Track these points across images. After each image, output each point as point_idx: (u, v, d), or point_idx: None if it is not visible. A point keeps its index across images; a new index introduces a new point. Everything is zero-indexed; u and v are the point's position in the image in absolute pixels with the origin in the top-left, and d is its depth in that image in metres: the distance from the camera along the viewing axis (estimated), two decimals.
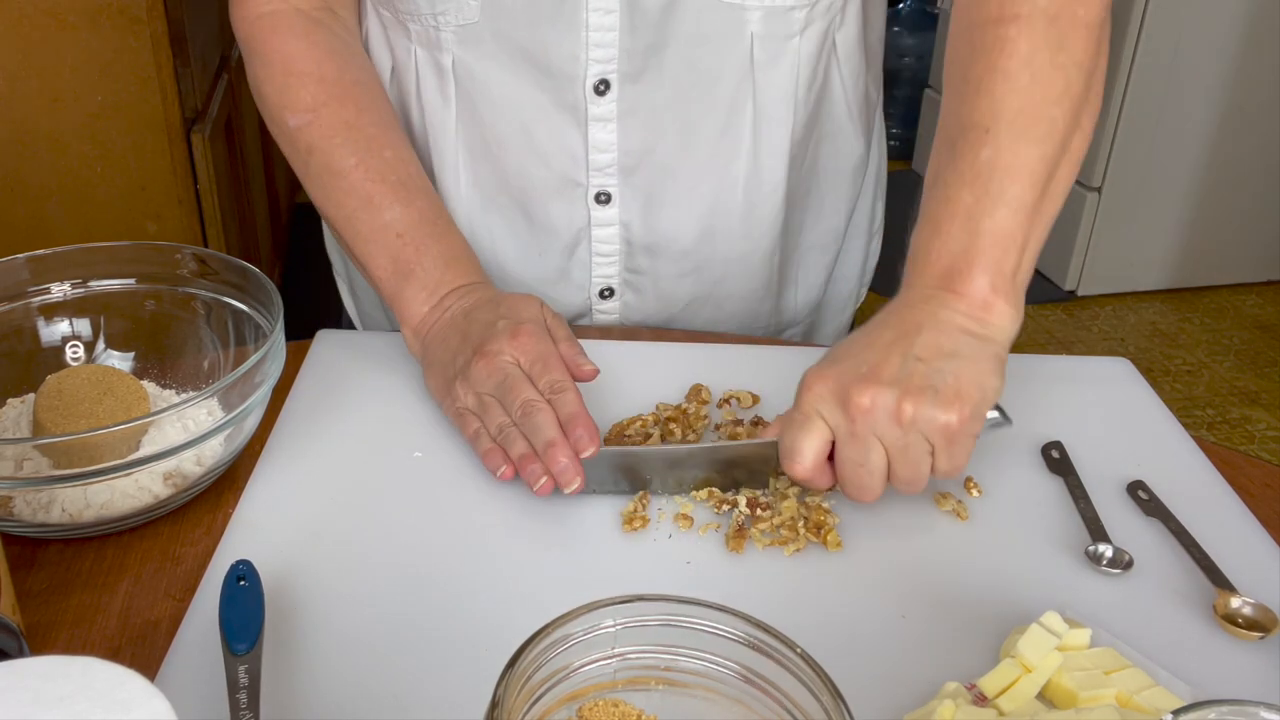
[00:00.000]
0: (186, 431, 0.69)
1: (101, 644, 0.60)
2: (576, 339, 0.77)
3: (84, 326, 0.80)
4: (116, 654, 0.60)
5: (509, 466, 0.70)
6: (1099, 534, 0.68)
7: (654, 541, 0.68)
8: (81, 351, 0.79)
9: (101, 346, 0.80)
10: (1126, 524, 0.70)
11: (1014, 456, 0.76)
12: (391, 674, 0.58)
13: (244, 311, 0.78)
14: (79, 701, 0.39)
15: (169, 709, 0.39)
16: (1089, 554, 0.67)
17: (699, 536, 0.68)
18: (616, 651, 0.49)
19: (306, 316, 1.09)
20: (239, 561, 0.61)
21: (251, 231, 2.17)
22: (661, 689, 0.51)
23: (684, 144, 0.88)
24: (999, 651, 0.60)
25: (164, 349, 0.80)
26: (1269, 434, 2.43)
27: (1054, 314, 2.88)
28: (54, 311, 0.79)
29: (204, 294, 0.79)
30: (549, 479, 0.68)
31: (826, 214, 0.98)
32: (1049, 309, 2.90)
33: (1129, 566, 0.66)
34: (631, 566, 0.66)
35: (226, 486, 0.72)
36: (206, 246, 1.52)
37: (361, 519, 0.69)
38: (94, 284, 0.79)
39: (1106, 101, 2.69)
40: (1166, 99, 2.71)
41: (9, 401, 0.76)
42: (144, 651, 0.60)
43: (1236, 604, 0.63)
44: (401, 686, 0.57)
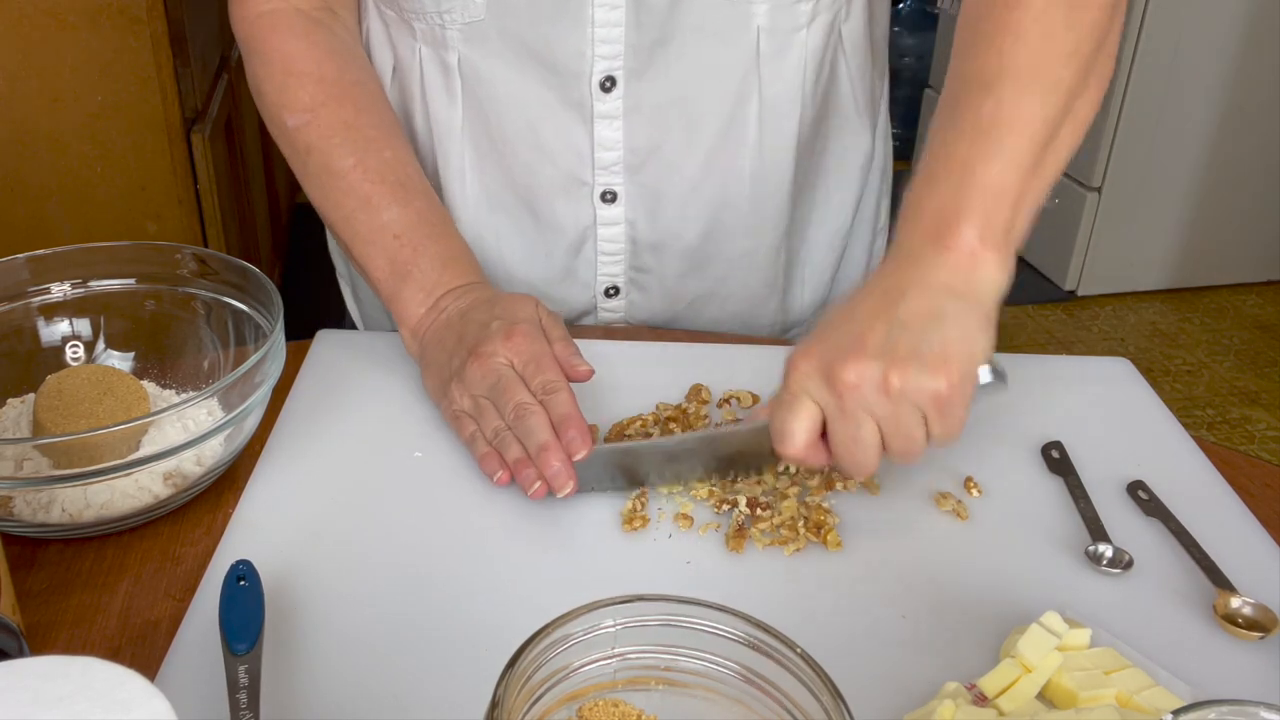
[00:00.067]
0: (186, 431, 0.69)
1: (101, 644, 0.60)
2: (572, 339, 0.76)
3: (84, 326, 0.80)
4: (116, 654, 0.60)
5: (505, 471, 0.70)
6: (1099, 534, 0.68)
7: (654, 541, 0.68)
8: (81, 351, 0.79)
9: (101, 346, 0.80)
10: (1126, 524, 0.70)
11: (1014, 456, 0.76)
12: (391, 674, 0.58)
13: (244, 311, 0.78)
14: (79, 701, 0.39)
15: (169, 709, 0.39)
16: (1089, 554, 0.67)
17: (699, 536, 0.68)
18: (616, 651, 0.49)
19: (306, 316, 1.09)
20: (239, 561, 0.61)
21: (251, 231, 2.17)
22: (661, 689, 0.51)
23: (690, 140, 0.87)
24: (999, 651, 0.60)
25: (164, 349, 0.80)
26: (1269, 434, 2.43)
27: (1054, 314, 2.88)
28: (54, 311, 0.79)
29: (204, 294, 0.79)
30: (543, 484, 0.68)
31: (833, 210, 0.97)
32: (1049, 309, 2.90)
33: (1129, 566, 0.66)
34: (631, 566, 0.66)
35: (226, 486, 0.72)
36: (206, 246, 1.52)
37: (361, 519, 0.69)
38: (94, 284, 0.79)
39: (1106, 101, 2.67)
40: (1166, 99, 2.71)
41: (9, 401, 0.76)
42: (144, 651, 0.60)
43: (1236, 604, 0.63)
44: (401, 686, 0.57)
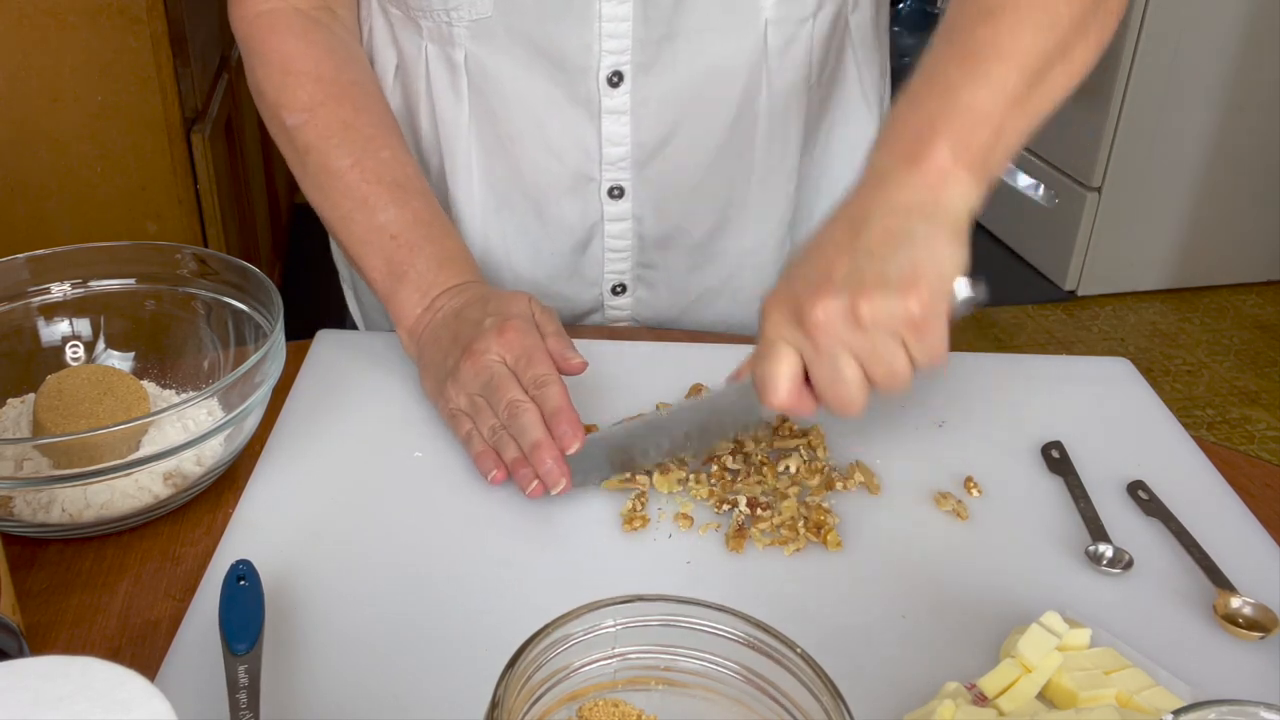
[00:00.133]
0: (186, 431, 0.69)
1: (101, 644, 0.60)
2: (565, 333, 0.76)
3: (84, 326, 0.79)
4: (116, 654, 0.60)
5: (500, 470, 0.70)
6: (1099, 534, 0.68)
7: (654, 541, 0.68)
8: (81, 351, 0.79)
9: (101, 346, 0.80)
10: (1126, 524, 0.70)
11: (1014, 456, 0.76)
12: (391, 674, 0.58)
13: (244, 311, 0.78)
14: (79, 701, 0.39)
15: (169, 709, 0.39)
16: (1089, 554, 0.67)
17: (699, 536, 0.68)
18: (616, 651, 0.49)
19: (306, 316, 1.09)
20: (239, 561, 0.61)
21: (251, 231, 2.17)
22: (661, 689, 0.51)
23: (697, 134, 0.87)
24: (999, 651, 0.60)
25: (164, 349, 0.80)
26: (1269, 434, 2.43)
27: (1054, 314, 2.88)
28: (54, 311, 0.79)
29: (204, 294, 0.79)
30: (540, 482, 0.68)
31: (839, 200, 0.97)
32: (1049, 309, 2.90)
33: (1129, 566, 0.66)
34: (631, 566, 0.66)
35: (226, 486, 0.72)
36: (206, 246, 1.52)
37: (361, 519, 0.69)
38: (94, 284, 0.79)
39: (1107, 102, 2.69)
40: (1166, 99, 2.71)
41: (9, 401, 0.76)
42: (144, 651, 0.60)
43: (1236, 604, 0.63)
44: (401, 686, 0.57)
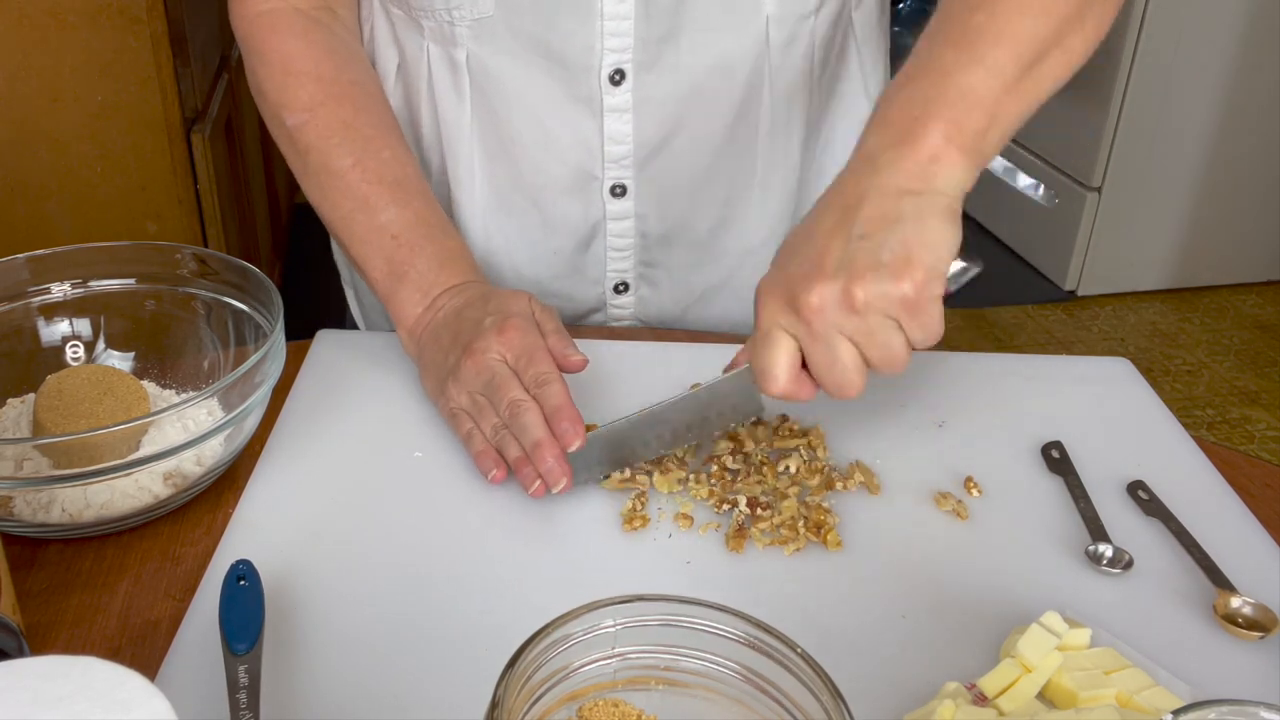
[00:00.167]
0: (186, 431, 0.69)
1: (101, 644, 0.60)
2: (565, 331, 0.76)
3: (84, 326, 0.79)
4: (116, 654, 0.60)
5: (500, 470, 0.70)
6: (1099, 534, 0.68)
7: (654, 541, 0.68)
8: (81, 351, 0.79)
9: (101, 346, 0.80)
10: (1126, 524, 0.70)
11: (1014, 456, 0.76)
12: (391, 674, 0.58)
13: (244, 311, 0.78)
14: (79, 701, 0.39)
15: (169, 709, 0.39)
16: (1089, 554, 0.67)
17: (699, 536, 0.68)
18: (616, 651, 0.49)
19: (306, 316, 1.09)
20: (239, 561, 0.61)
21: (251, 231, 2.17)
22: (661, 689, 0.51)
23: (699, 132, 0.87)
24: (999, 651, 0.60)
25: (164, 349, 0.80)
26: (1269, 434, 2.43)
27: (1054, 314, 2.88)
28: (54, 311, 0.79)
29: (204, 294, 0.79)
30: (542, 482, 0.68)
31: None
32: (1049, 309, 2.90)
33: (1129, 566, 0.66)
34: (631, 566, 0.66)
35: (226, 486, 0.72)
36: (206, 246, 1.52)
37: (361, 519, 0.69)
38: (94, 284, 0.79)
39: (1107, 101, 2.69)
40: (1166, 99, 2.71)
41: (9, 401, 0.76)
42: (144, 651, 0.60)
43: (1236, 604, 0.63)
44: (401, 686, 0.57)
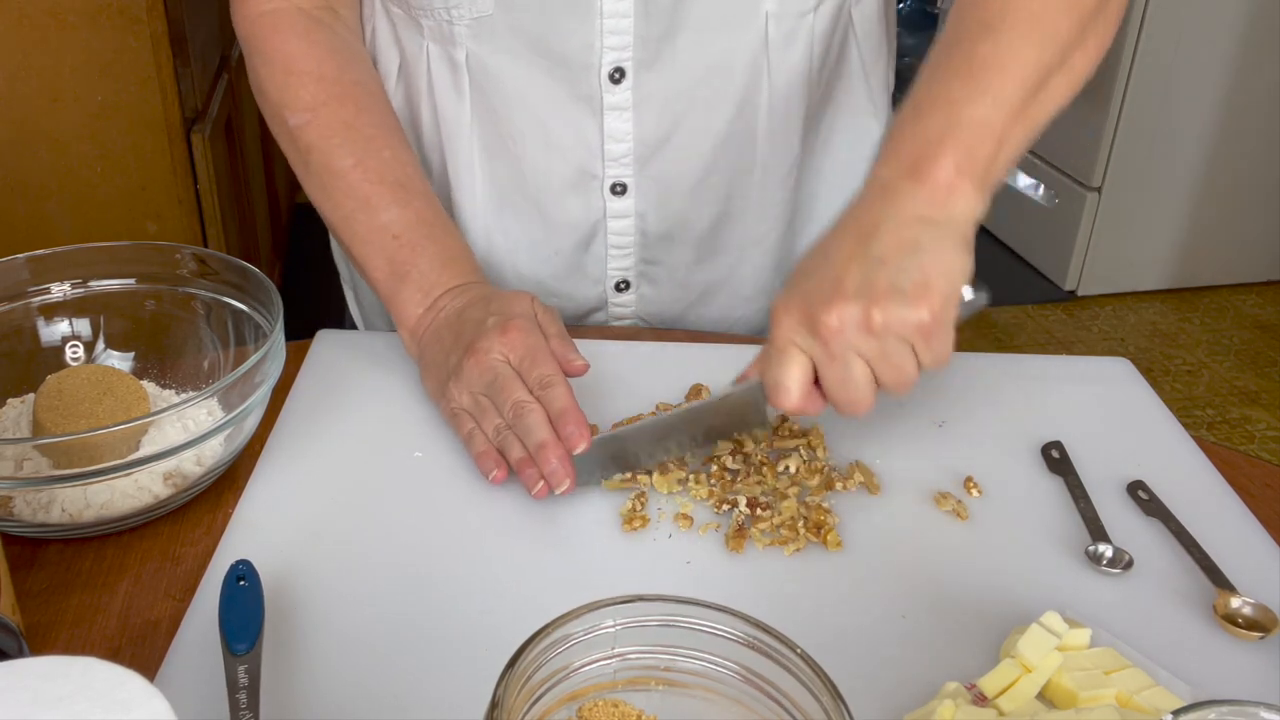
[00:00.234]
0: (186, 431, 0.69)
1: (101, 644, 0.60)
2: (568, 334, 0.76)
3: (84, 326, 0.79)
4: (116, 654, 0.60)
5: (501, 470, 0.70)
6: (1099, 534, 0.68)
7: (654, 541, 0.68)
8: (81, 351, 0.79)
9: (101, 346, 0.80)
10: (1126, 524, 0.70)
11: (1014, 456, 0.76)
12: (391, 674, 0.58)
13: (244, 311, 0.78)
14: (79, 701, 0.39)
15: (169, 709, 0.39)
16: (1089, 554, 0.67)
17: (699, 536, 0.68)
18: (616, 651, 0.49)
19: (306, 316, 1.09)
20: (239, 561, 0.61)
21: (251, 231, 2.17)
22: (661, 689, 0.51)
23: (700, 129, 0.87)
24: (999, 651, 0.60)
25: (164, 349, 0.80)
26: (1269, 434, 2.43)
27: (1054, 314, 2.88)
28: (54, 311, 0.79)
29: (204, 294, 0.79)
30: (545, 483, 0.68)
31: (842, 195, 0.96)
32: (1049, 309, 2.90)
33: (1129, 566, 0.66)
34: (631, 566, 0.66)
35: (226, 486, 0.72)
36: (206, 246, 1.52)
37: (361, 519, 0.69)
38: (94, 284, 0.79)
39: (1107, 102, 2.69)
40: (1166, 99, 2.71)
41: (9, 401, 0.76)
42: (144, 651, 0.60)
43: (1236, 604, 0.63)
44: (401, 686, 0.57)
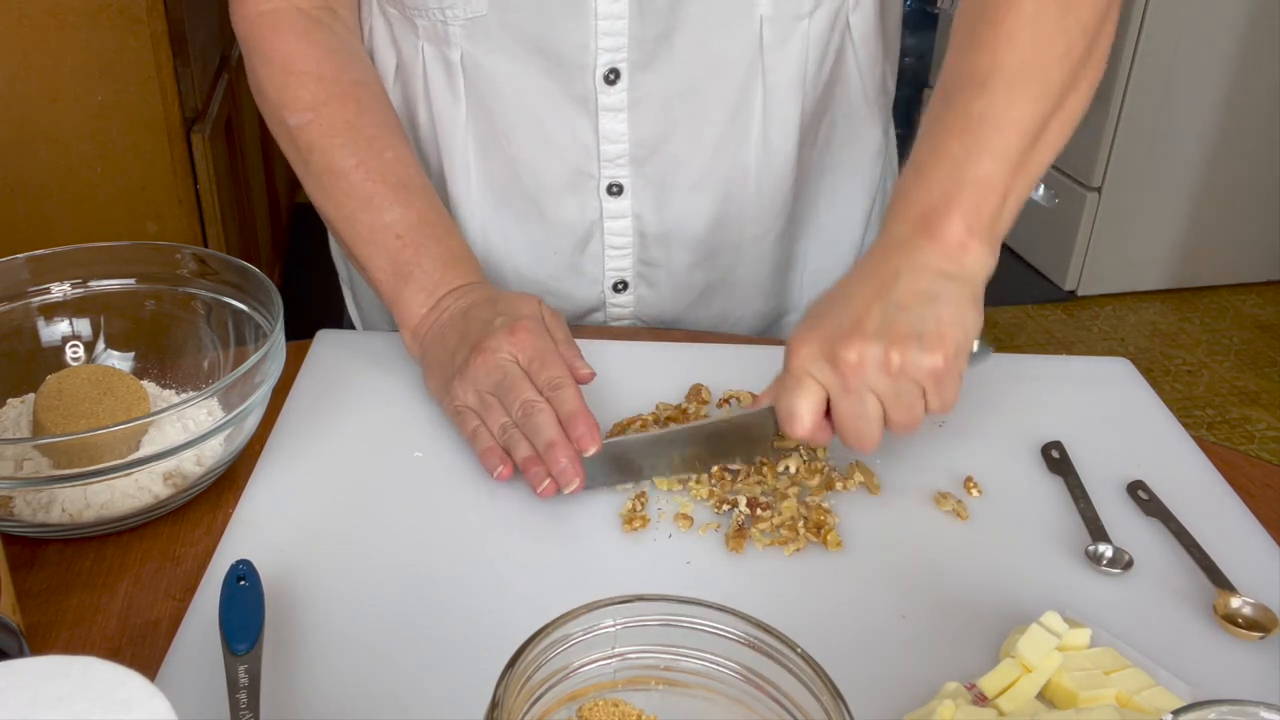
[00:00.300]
0: (186, 431, 0.69)
1: (101, 644, 0.60)
2: (574, 340, 0.77)
3: (84, 326, 0.79)
4: (116, 654, 0.60)
5: (506, 467, 0.70)
6: (1099, 534, 0.68)
7: (654, 541, 0.68)
8: (81, 351, 0.79)
9: (101, 346, 0.80)
10: (1126, 524, 0.70)
11: (1014, 456, 0.76)
12: (391, 674, 0.58)
13: (244, 311, 0.78)
14: (79, 701, 0.39)
15: (169, 709, 0.39)
16: (1089, 554, 0.67)
17: (699, 536, 0.68)
18: (616, 651, 0.49)
19: (306, 316, 1.09)
20: (239, 561, 0.61)
21: (251, 231, 2.17)
22: (661, 689, 0.51)
23: (695, 131, 0.87)
24: (999, 651, 0.60)
25: (164, 349, 0.80)
26: (1269, 434, 2.43)
27: (1054, 314, 2.88)
28: (54, 311, 0.79)
29: (204, 294, 0.79)
30: (552, 481, 0.68)
31: (841, 199, 0.98)
32: (1049, 309, 2.90)
33: (1129, 566, 0.66)
34: (631, 566, 0.66)
35: (226, 486, 0.72)
36: (206, 246, 1.52)
37: (361, 519, 0.69)
38: (94, 284, 0.79)
39: (1106, 101, 2.69)
40: (1166, 99, 2.71)
41: (9, 401, 0.76)
42: (144, 651, 0.60)
43: (1236, 604, 0.63)
44: (401, 686, 0.57)
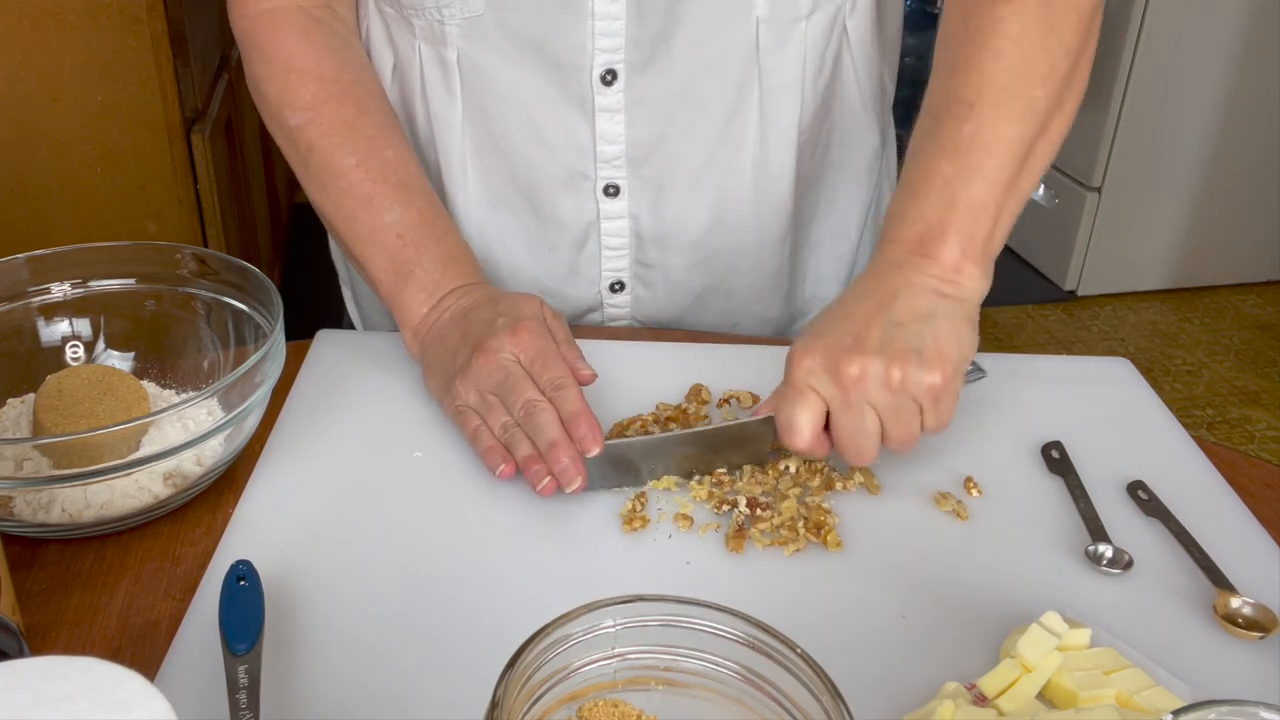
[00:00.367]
0: (186, 431, 0.69)
1: (101, 644, 0.60)
2: (575, 341, 0.77)
3: (84, 326, 0.79)
4: (116, 654, 0.60)
5: (508, 465, 0.70)
6: (1099, 534, 0.68)
7: (654, 541, 0.68)
8: (81, 351, 0.79)
9: (101, 346, 0.80)
10: (1126, 524, 0.70)
11: (1014, 456, 0.76)
12: (391, 674, 0.58)
13: (244, 311, 0.78)
14: (79, 701, 0.39)
15: (169, 709, 0.39)
16: (1089, 554, 0.67)
17: (699, 536, 0.68)
18: (616, 651, 0.49)
19: (306, 316, 1.09)
20: (239, 561, 0.61)
21: (251, 231, 2.17)
22: (661, 689, 0.51)
23: (691, 132, 0.87)
24: (999, 651, 0.60)
25: (164, 349, 0.80)
26: (1269, 434, 2.43)
27: (1054, 314, 2.88)
28: (54, 311, 0.79)
29: (204, 294, 0.79)
30: (552, 480, 0.68)
31: (840, 204, 0.98)
32: (1049, 309, 2.90)
33: (1129, 566, 0.66)
34: (631, 566, 0.66)
35: (226, 486, 0.72)
36: (206, 246, 1.52)
37: (361, 519, 0.69)
38: (94, 284, 0.79)
39: (1106, 101, 2.69)
40: (1166, 99, 2.71)
41: (9, 401, 0.76)
42: (144, 651, 0.60)
43: (1236, 604, 0.63)
44: (401, 686, 0.57)
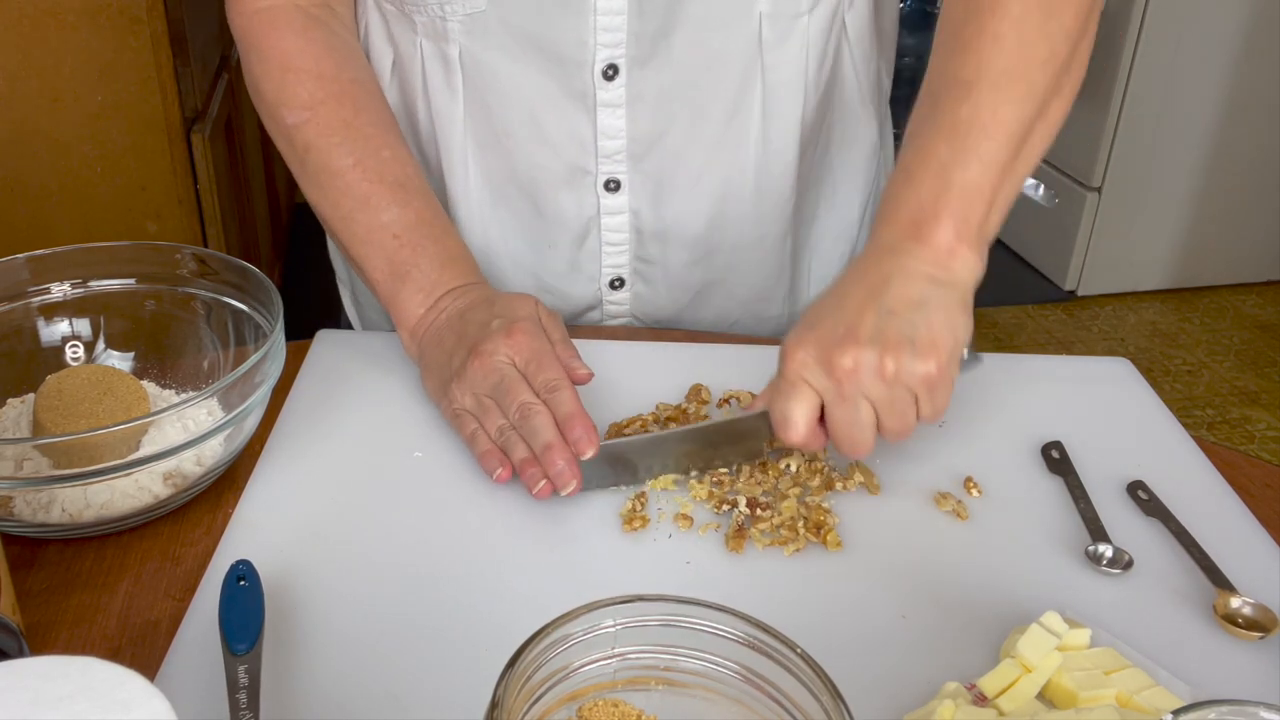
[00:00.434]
0: (186, 431, 0.69)
1: (101, 644, 0.60)
2: (571, 341, 0.77)
3: (84, 326, 0.79)
4: (116, 654, 0.60)
5: (505, 469, 0.70)
6: (1099, 534, 0.68)
7: (654, 541, 0.68)
8: (81, 351, 0.79)
9: (101, 346, 0.80)
10: (1126, 524, 0.70)
11: (1014, 456, 0.76)
12: (391, 674, 0.58)
13: (244, 311, 0.78)
14: (79, 701, 0.39)
15: (169, 709, 0.39)
16: (1089, 554, 0.67)
17: (699, 536, 0.68)
18: (616, 651, 0.49)
19: (306, 316, 1.09)
20: (239, 561, 0.61)
21: (251, 231, 2.18)
22: (661, 689, 0.51)
23: (693, 128, 0.87)
24: (999, 651, 0.60)
25: (164, 349, 0.80)
26: (1269, 434, 2.43)
27: (1054, 314, 2.88)
28: (54, 311, 0.79)
29: (204, 294, 0.79)
30: (548, 483, 0.68)
31: (840, 201, 0.98)
32: (1049, 309, 2.90)
33: (1129, 566, 0.66)
34: (631, 566, 0.66)
35: (226, 486, 0.72)
36: (206, 246, 1.52)
37: (361, 519, 0.69)
38: (94, 284, 0.79)
39: (1106, 101, 2.69)
40: (1166, 99, 2.71)
41: (9, 401, 0.76)
42: (144, 651, 0.60)
43: (1236, 604, 0.63)
44: (401, 686, 0.57)
